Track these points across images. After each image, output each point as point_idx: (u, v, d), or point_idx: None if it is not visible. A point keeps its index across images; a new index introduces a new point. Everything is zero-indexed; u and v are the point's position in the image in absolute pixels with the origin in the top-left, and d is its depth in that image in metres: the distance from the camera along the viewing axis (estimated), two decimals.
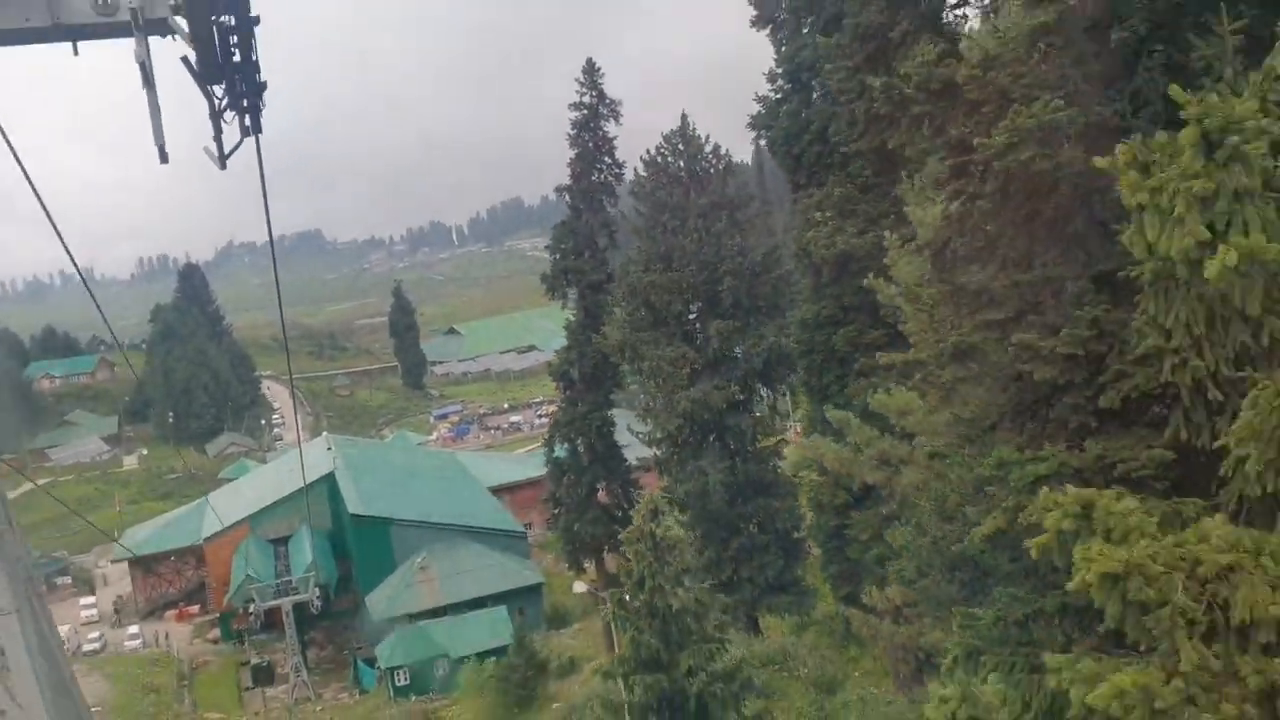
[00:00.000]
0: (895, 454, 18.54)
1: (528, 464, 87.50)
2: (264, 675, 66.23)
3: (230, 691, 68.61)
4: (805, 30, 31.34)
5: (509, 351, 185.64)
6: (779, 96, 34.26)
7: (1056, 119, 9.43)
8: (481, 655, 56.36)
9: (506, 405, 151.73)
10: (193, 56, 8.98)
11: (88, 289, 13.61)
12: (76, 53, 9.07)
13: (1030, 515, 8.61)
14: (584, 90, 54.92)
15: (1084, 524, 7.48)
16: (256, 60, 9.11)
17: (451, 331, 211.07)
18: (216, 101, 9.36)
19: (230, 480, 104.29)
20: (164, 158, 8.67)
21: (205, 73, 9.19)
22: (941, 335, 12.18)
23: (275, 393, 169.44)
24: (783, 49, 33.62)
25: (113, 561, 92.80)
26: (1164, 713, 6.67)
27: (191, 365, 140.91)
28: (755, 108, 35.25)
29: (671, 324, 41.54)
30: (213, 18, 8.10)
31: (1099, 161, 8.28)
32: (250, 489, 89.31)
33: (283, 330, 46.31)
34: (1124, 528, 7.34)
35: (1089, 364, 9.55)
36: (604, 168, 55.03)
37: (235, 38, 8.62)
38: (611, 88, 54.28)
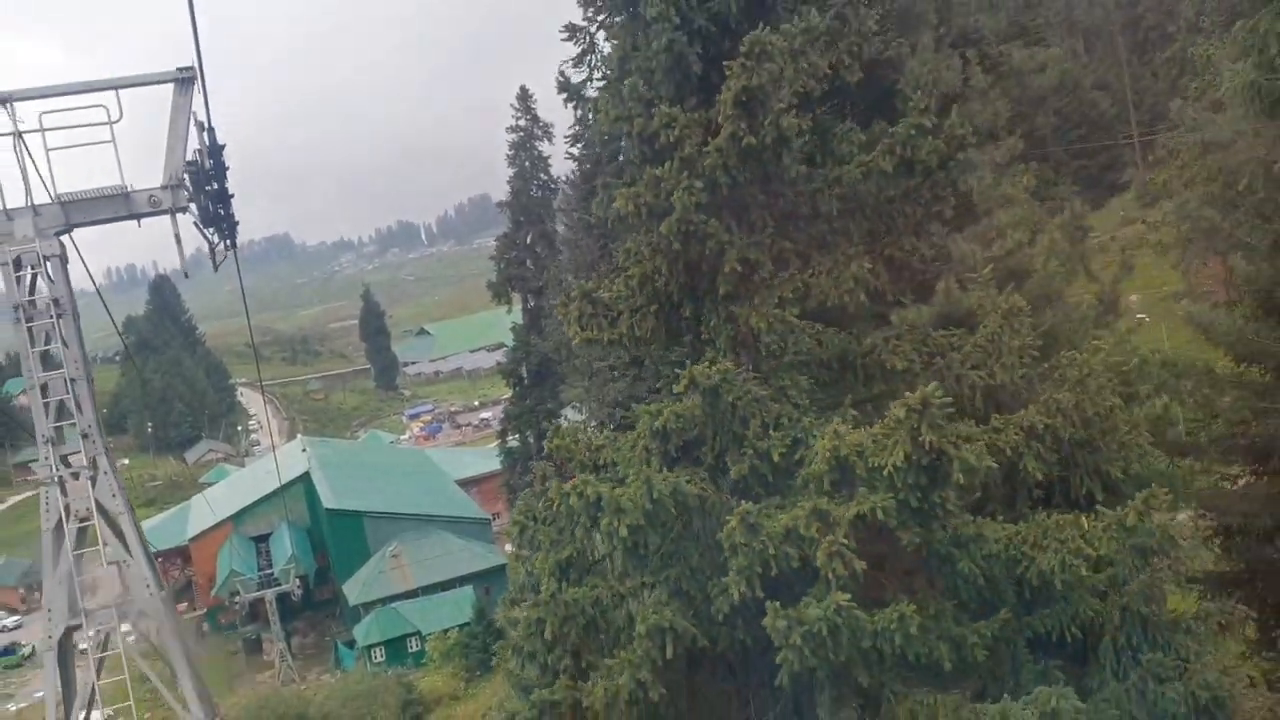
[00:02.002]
0: None
1: (493, 458, 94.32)
2: (253, 646, 73.39)
3: (220, 678, 75.50)
4: None
5: (479, 350, 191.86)
6: None
7: None
8: (451, 631, 63.51)
9: (477, 403, 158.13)
10: (195, 214, 16.24)
11: (105, 305, 20.49)
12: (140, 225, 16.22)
13: None
14: (519, 114, 62.29)
15: None
16: (232, 213, 16.39)
17: (422, 332, 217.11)
18: (208, 233, 16.64)
19: (211, 484, 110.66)
20: (186, 275, 15.88)
21: (203, 219, 16.47)
22: None
23: (251, 399, 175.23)
24: None
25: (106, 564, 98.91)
26: None
27: (167, 376, 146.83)
28: None
29: None
30: (208, 205, 15.27)
31: None
32: (230, 491, 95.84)
33: (252, 343, 52.91)
34: None
35: None
36: (540, 184, 62.26)
37: (221, 205, 15.87)
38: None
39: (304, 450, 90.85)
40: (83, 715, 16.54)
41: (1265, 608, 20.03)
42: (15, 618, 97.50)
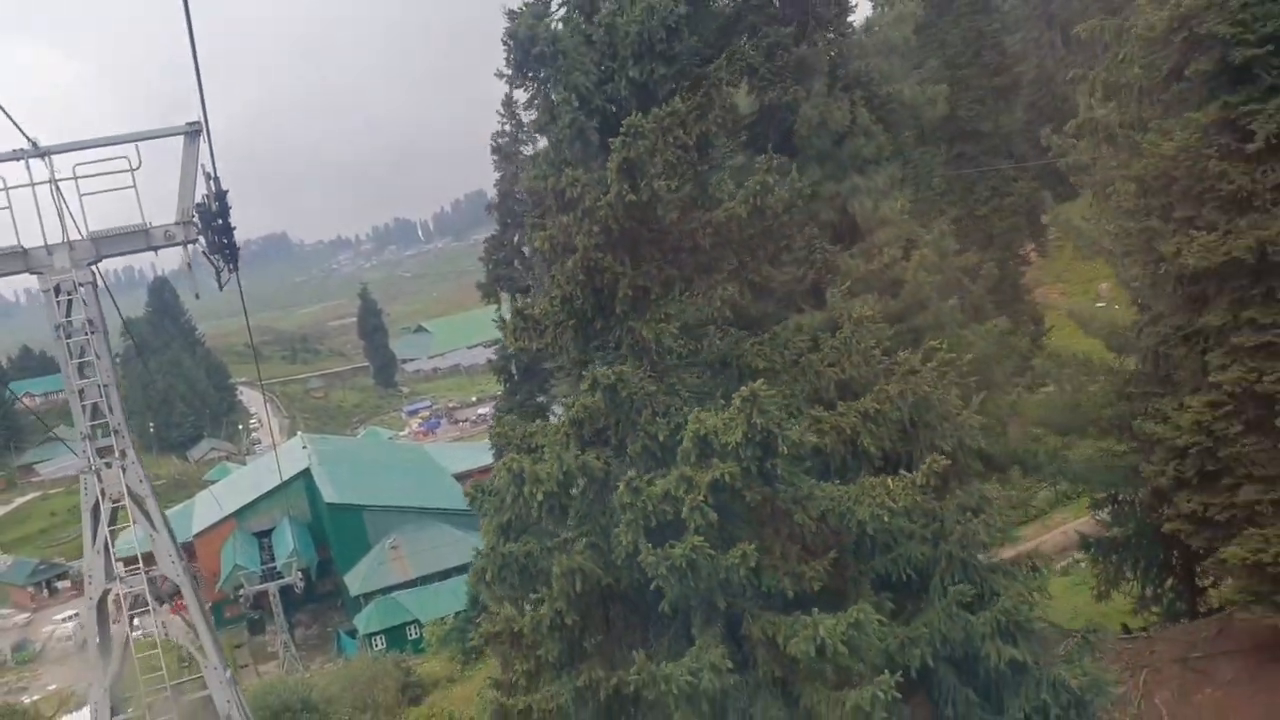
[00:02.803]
0: None
1: (488, 452, 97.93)
2: (256, 626, 77.38)
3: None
4: None
5: (476, 346, 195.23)
6: None
7: None
8: (448, 618, 67.17)
9: (475, 399, 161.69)
10: (204, 245, 19.86)
11: (116, 308, 24.05)
12: (158, 255, 19.84)
13: None
14: (504, 119, 65.92)
15: None
16: (235, 244, 20.00)
17: (420, 329, 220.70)
18: (214, 259, 20.27)
19: (213, 482, 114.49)
20: (197, 297, 19.52)
21: (210, 249, 20.10)
22: None
23: (251, 398, 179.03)
24: None
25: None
26: None
27: (168, 376, 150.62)
28: None
29: None
30: (215, 238, 18.90)
31: None
32: (233, 489, 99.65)
33: (251, 344, 56.43)
34: None
35: None
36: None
37: (225, 238, 19.49)
38: None
39: (304, 447, 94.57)
40: (116, 669, 20.14)
41: (1148, 569, 23.60)
42: (25, 615, 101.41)
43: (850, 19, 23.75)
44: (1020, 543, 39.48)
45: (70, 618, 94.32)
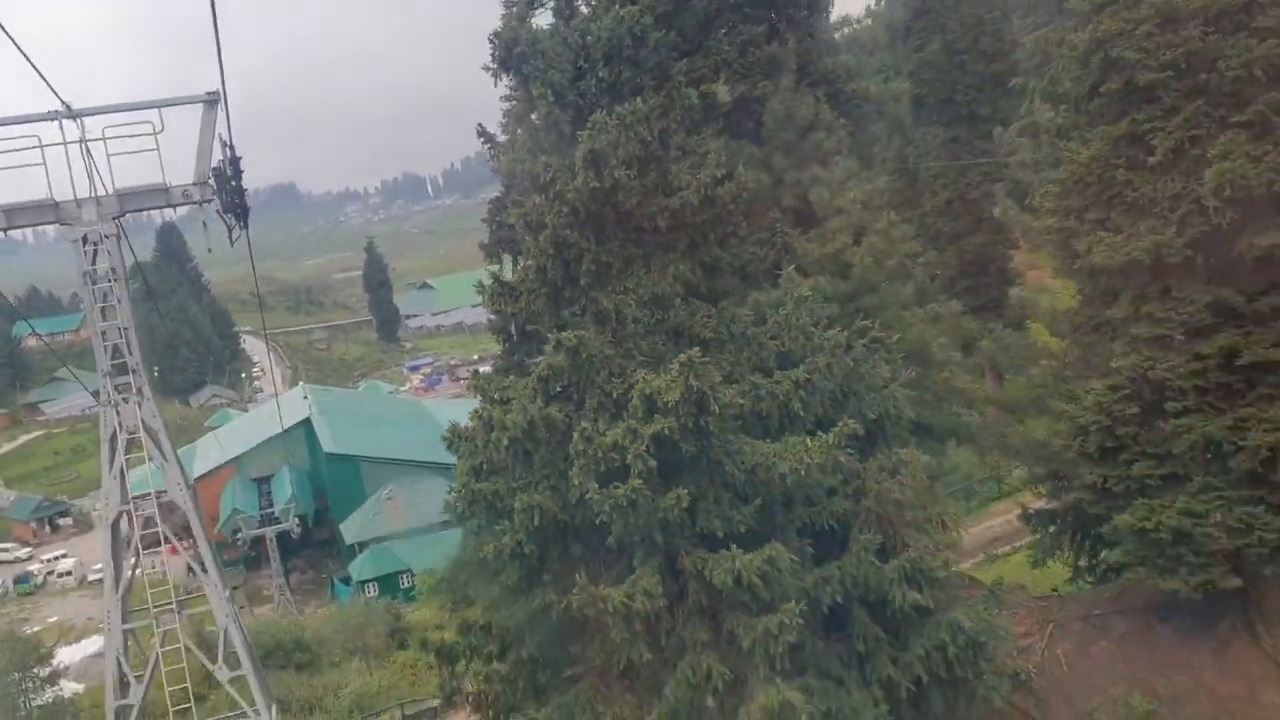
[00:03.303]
0: None
1: None
2: (252, 563, 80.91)
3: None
4: None
5: (480, 304, 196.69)
6: None
7: None
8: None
9: (476, 356, 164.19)
10: (218, 204, 22.12)
11: (132, 251, 26.38)
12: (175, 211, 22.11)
13: None
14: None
15: None
16: (246, 205, 22.25)
17: (425, 285, 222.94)
18: (227, 218, 22.53)
19: (215, 429, 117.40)
20: (210, 250, 21.83)
21: (223, 208, 22.35)
22: None
23: (255, 347, 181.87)
24: None
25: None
26: None
27: (173, 322, 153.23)
28: None
29: None
30: (228, 199, 21.16)
31: None
32: (234, 435, 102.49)
33: (257, 293, 58.70)
34: None
35: None
36: None
37: (238, 199, 21.74)
38: None
39: (305, 397, 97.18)
40: (129, 575, 22.64)
41: (1080, 540, 25.89)
42: (28, 549, 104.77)
43: (824, 17, 25.75)
44: (994, 517, 41.81)
45: (59, 557, 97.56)
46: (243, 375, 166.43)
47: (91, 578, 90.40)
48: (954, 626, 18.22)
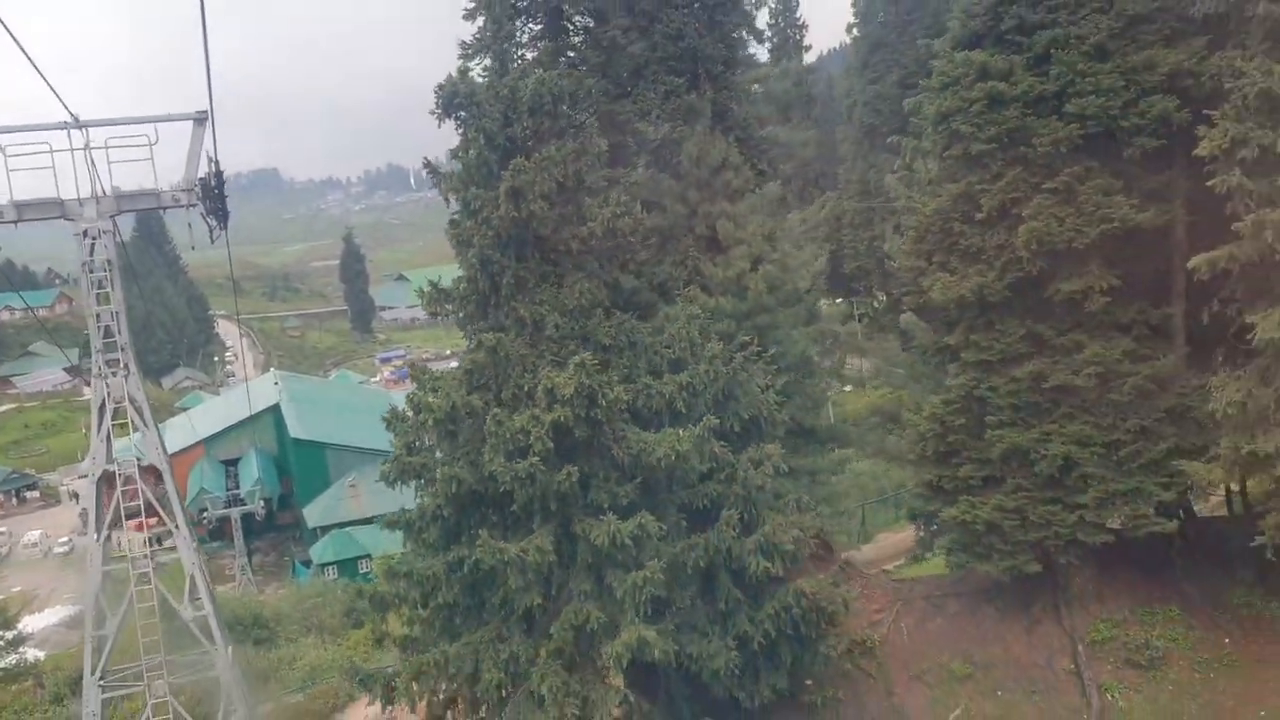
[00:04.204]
0: None
1: None
2: (216, 534, 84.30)
3: (182, 583, 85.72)
4: None
5: None
6: None
7: None
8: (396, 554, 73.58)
9: (449, 351, 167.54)
10: (202, 207, 25.99)
11: (121, 241, 30.14)
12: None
13: None
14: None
15: None
16: (227, 210, 26.12)
17: (401, 278, 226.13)
18: (209, 219, 26.38)
19: (186, 410, 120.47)
20: (193, 248, 25.62)
21: (206, 211, 26.21)
22: None
23: (229, 331, 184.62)
24: None
25: (79, 477, 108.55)
26: None
27: (149, 303, 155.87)
28: None
29: None
30: (211, 203, 25.01)
31: None
32: (204, 417, 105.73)
33: (232, 278, 62.22)
34: None
35: None
36: None
37: (219, 205, 25.59)
38: None
39: (276, 383, 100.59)
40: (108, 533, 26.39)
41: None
42: None
43: (739, 71, 29.79)
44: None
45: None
46: (215, 359, 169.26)
47: (56, 550, 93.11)
48: (799, 593, 22.32)
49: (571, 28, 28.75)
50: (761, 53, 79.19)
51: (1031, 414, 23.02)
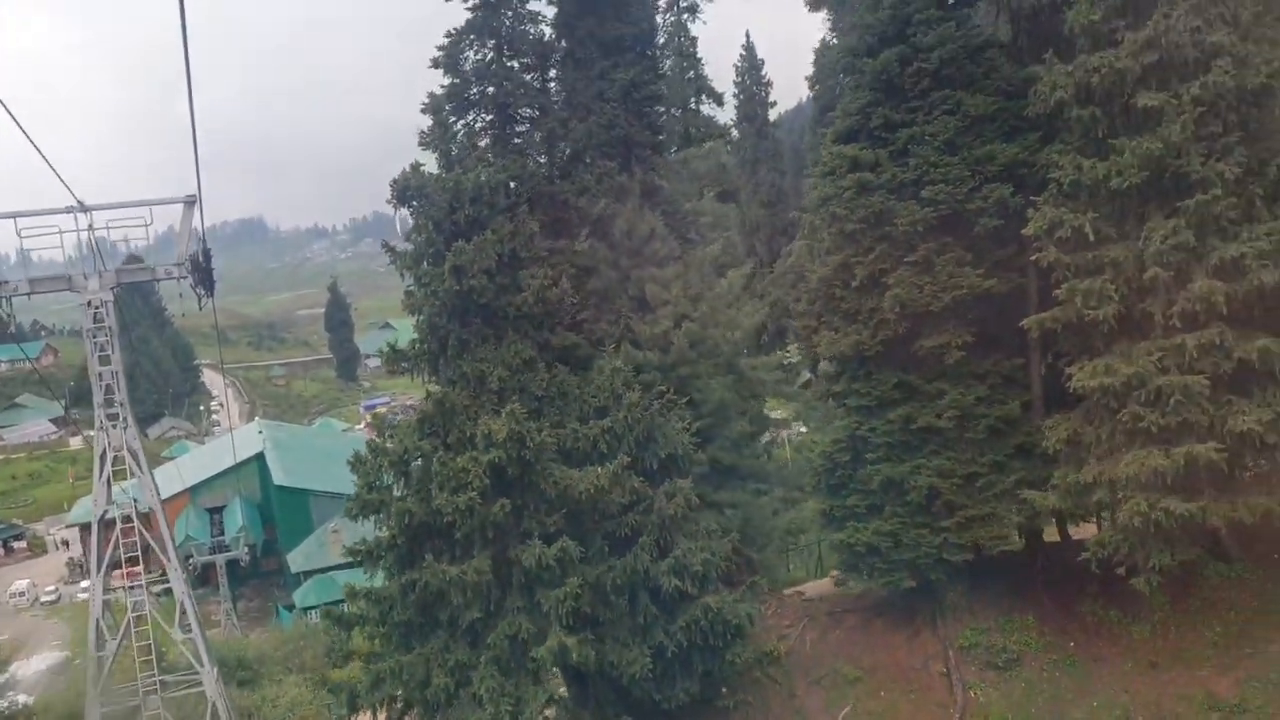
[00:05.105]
0: None
1: None
2: (198, 580, 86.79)
3: (167, 635, 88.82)
4: None
5: None
6: None
7: None
8: None
9: None
10: (191, 279, 30.19)
11: (121, 318, 34.30)
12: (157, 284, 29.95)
13: None
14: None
15: None
16: (214, 280, 30.32)
17: (386, 325, 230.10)
18: (198, 289, 30.59)
19: (172, 459, 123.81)
20: (184, 316, 29.66)
21: (195, 281, 30.44)
22: None
23: (214, 380, 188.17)
24: None
25: (66, 527, 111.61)
26: None
27: (134, 353, 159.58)
28: None
29: None
30: (200, 275, 29.18)
31: None
32: (189, 466, 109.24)
33: (216, 328, 66.15)
34: None
35: None
36: None
37: (207, 277, 29.79)
38: None
39: (260, 432, 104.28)
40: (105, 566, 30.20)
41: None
42: None
43: (666, 155, 34.21)
44: None
45: None
46: (201, 408, 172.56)
47: (44, 598, 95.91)
48: (706, 607, 26.26)
49: (518, 117, 33.13)
50: (728, 110, 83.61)
51: (903, 451, 27.17)
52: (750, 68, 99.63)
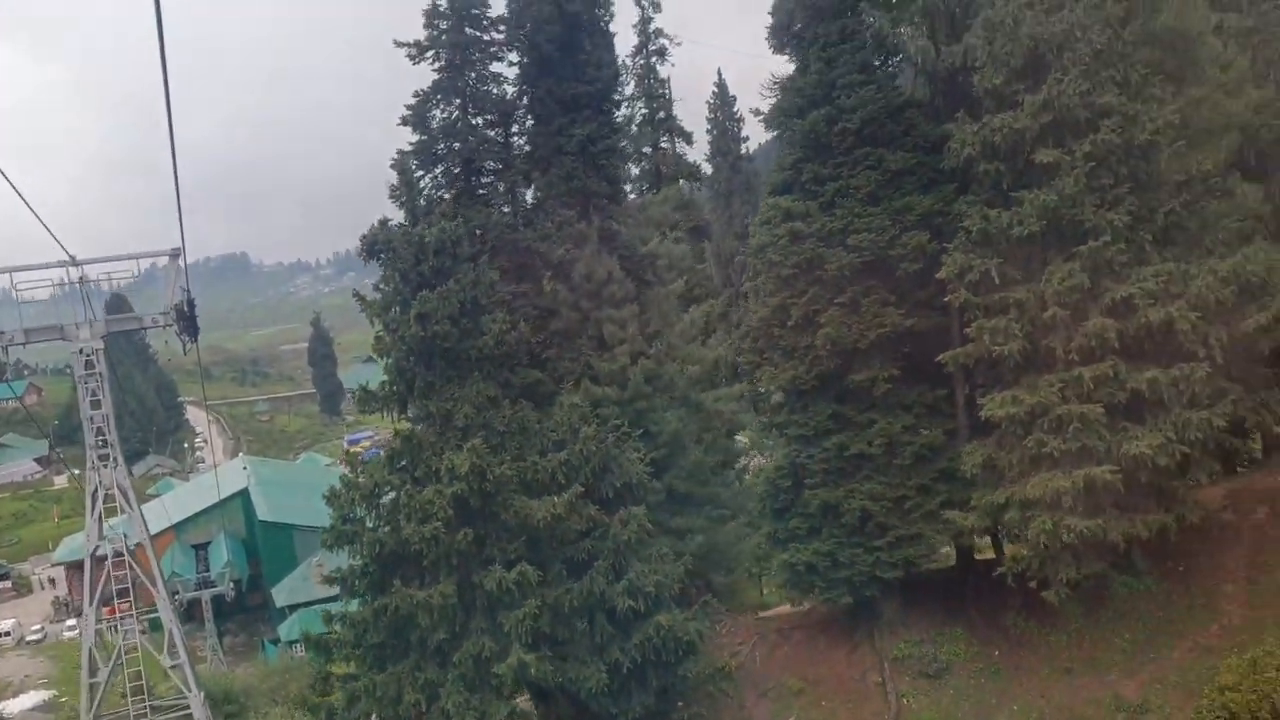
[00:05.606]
0: None
1: None
2: (184, 616, 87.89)
3: (155, 667, 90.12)
4: None
5: None
6: None
7: None
8: None
9: None
10: (176, 327, 32.52)
11: (110, 365, 36.52)
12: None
13: None
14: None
15: None
16: (197, 327, 32.64)
17: (369, 359, 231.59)
18: (183, 336, 32.93)
19: (157, 496, 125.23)
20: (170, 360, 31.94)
21: (180, 329, 32.76)
22: None
23: (198, 417, 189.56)
24: None
25: (52, 566, 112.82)
26: None
27: (118, 391, 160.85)
28: None
29: None
30: (184, 323, 31.50)
31: None
32: (175, 503, 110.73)
33: (199, 365, 68.20)
34: None
35: None
36: None
37: (191, 324, 32.11)
38: None
39: (244, 468, 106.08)
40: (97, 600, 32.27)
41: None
42: None
43: (622, 205, 36.73)
44: None
45: None
46: (185, 445, 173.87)
47: (30, 637, 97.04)
48: (659, 625, 28.49)
49: (484, 170, 35.62)
50: (700, 147, 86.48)
51: (839, 476, 29.60)
52: (722, 104, 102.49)
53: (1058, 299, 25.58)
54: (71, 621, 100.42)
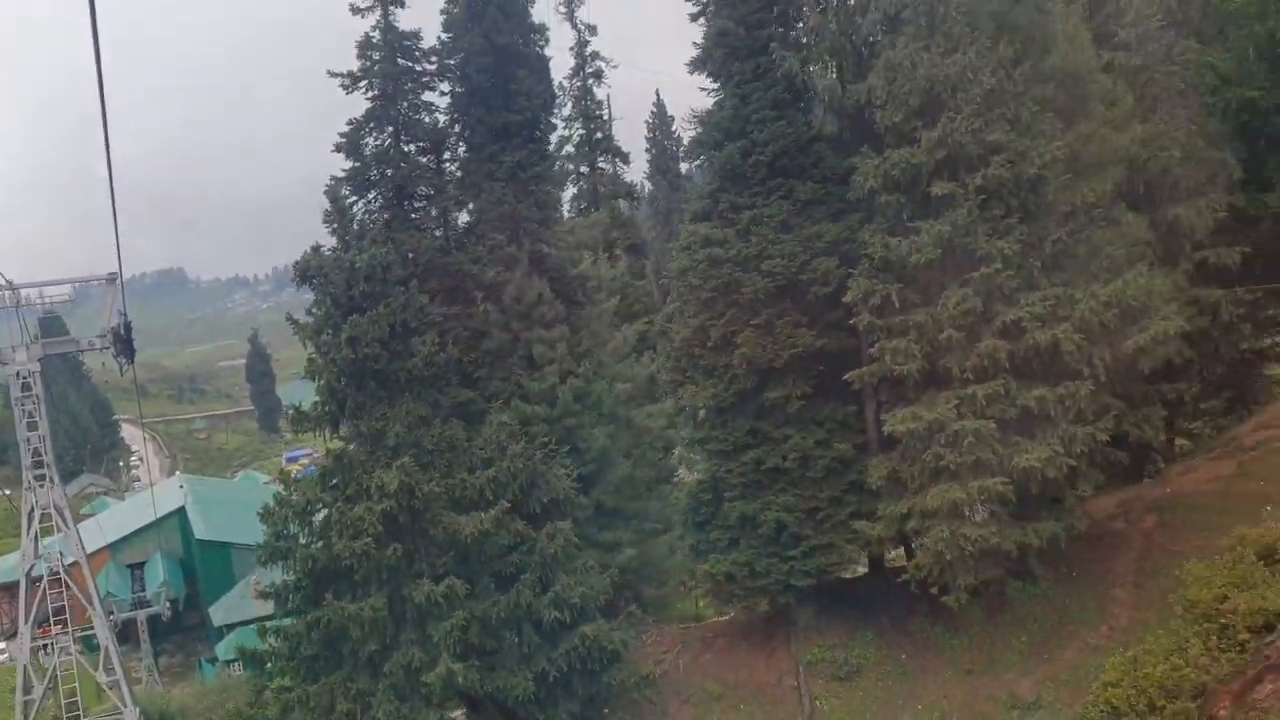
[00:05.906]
0: None
1: None
2: (119, 637, 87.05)
3: (91, 689, 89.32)
4: None
5: None
6: None
7: None
8: None
9: None
10: (114, 349, 33.35)
11: (45, 386, 37.11)
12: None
13: None
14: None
15: None
16: (134, 349, 33.50)
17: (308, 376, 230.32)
18: (119, 358, 33.76)
19: (91, 516, 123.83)
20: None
21: (117, 351, 33.61)
22: None
23: (134, 435, 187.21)
24: None
25: None
26: None
27: (52, 410, 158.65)
28: None
29: None
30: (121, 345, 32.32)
31: None
32: (109, 522, 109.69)
33: (135, 383, 68.32)
34: None
35: None
36: None
37: (128, 347, 32.95)
38: None
39: (181, 486, 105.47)
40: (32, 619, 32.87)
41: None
42: None
43: (552, 229, 38.13)
44: None
45: None
46: (120, 464, 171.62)
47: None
48: (584, 635, 29.85)
49: (416, 195, 36.83)
50: (640, 165, 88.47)
51: (755, 489, 31.23)
52: (661, 124, 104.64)
53: (953, 322, 27.44)
54: (2, 644, 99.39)
